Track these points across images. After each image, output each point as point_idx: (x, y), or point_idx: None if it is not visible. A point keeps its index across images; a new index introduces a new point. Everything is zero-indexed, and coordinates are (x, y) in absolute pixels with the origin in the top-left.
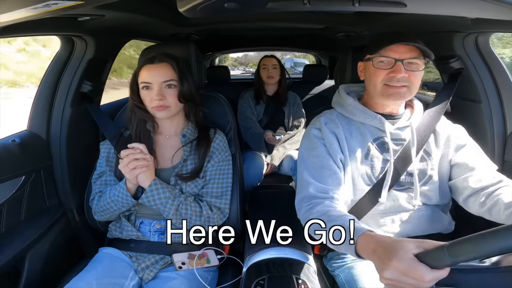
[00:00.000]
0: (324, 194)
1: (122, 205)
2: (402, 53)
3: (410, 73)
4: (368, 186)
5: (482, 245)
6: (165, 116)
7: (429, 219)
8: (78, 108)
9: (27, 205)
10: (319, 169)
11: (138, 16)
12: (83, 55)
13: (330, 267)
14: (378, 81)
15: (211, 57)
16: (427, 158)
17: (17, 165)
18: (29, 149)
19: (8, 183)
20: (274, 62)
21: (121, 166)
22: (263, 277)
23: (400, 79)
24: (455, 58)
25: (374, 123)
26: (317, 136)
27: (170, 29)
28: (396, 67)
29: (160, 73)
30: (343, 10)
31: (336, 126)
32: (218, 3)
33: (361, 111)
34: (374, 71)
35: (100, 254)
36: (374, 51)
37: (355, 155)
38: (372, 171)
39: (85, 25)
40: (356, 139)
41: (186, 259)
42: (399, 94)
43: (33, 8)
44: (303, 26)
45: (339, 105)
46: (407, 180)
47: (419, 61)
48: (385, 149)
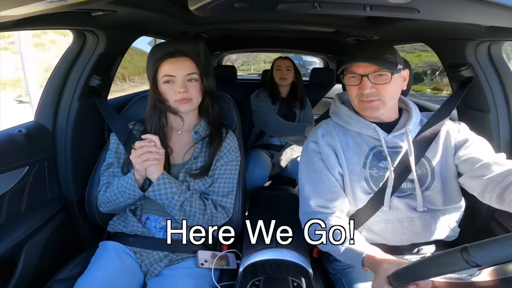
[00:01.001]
0: (325, 209)
1: (128, 196)
2: (366, 68)
3: (378, 87)
4: (369, 195)
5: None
6: (188, 109)
7: (431, 225)
8: (86, 102)
9: (28, 196)
10: (319, 182)
11: (149, 13)
12: (94, 50)
13: (331, 270)
14: (353, 97)
15: (219, 57)
16: (426, 163)
17: (22, 155)
18: (34, 140)
19: (11, 173)
20: (288, 64)
21: (133, 156)
22: (259, 278)
23: (369, 95)
24: (466, 66)
25: (369, 132)
26: (314, 150)
27: (180, 27)
28: (362, 83)
29: (183, 66)
30: (354, 14)
31: (333, 138)
32: (228, 3)
33: (355, 121)
34: (348, 87)
35: (104, 249)
36: (343, 66)
37: (353, 166)
38: (372, 180)
39: (98, 20)
40: (353, 150)
41: (209, 257)
42: (372, 108)
43: (49, 2)
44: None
45: (335, 114)
46: (408, 186)
47: (387, 72)
48: (383, 157)
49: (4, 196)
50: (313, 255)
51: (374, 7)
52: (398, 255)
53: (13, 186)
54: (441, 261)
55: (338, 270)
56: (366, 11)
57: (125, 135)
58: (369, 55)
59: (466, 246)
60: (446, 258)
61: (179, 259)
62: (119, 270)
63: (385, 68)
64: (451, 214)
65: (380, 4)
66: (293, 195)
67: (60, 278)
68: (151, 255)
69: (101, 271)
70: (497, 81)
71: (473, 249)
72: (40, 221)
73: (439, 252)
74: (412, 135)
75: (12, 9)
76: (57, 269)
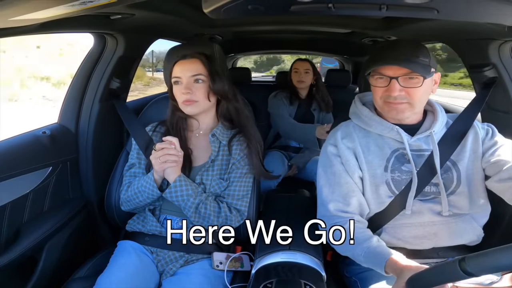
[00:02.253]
0: (345, 213)
1: (147, 195)
2: (397, 70)
3: (408, 90)
4: (390, 198)
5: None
6: (193, 111)
7: (455, 230)
8: (106, 104)
9: (51, 196)
10: (337, 186)
11: (166, 16)
12: (113, 53)
13: (347, 273)
14: (377, 98)
15: (233, 59)
16: (452, 166)
17: (46, 156)
18: (58, 141)
19: (35, 173)
20: (306, 66)
21: (153, 157)
22: (271, 280)
23: (397, 97)
24: (489, 67)
25: (391, 135)
26: (334, 154)
27: (195, 29)
28: (390, 85)
29: (189, 67)
30: (370, 15)
31: (353, 140)
32: (242, 5)
33: (377, 123)
34: (373, 88)
35: (124, 248)
36: (371, 68)
37: (374, 169)
38: (393, 183)
39: (117, 23)
40: (374, 152)
41: (224, 259)
42: (397, 110)
43: (71, 5)
44: (327, 30)
45: (356, 116)
46: (432, 190)
47: (418, 75)
48: (406, 160)
49: (28, 195)
50: (327, 259)
51: (390, 7)
52: (419, 258)
53: (37, 185)
54: (441, 270)
55: (354, 273)
56: (382, 12)
57: (143, 138)
58: (400, 57)
59: (464, 257)
60: (445, 268)
61: (194, 259)
62: (139, 269)
63: (418, 72)
64: (476, 218)
65: (397, 4)
66: (307, 198)
67: (79, 276)
68: (167, 255)
69: (121, 270)
70: None
71: (470, 260)
72: (61, 220)
73: (440, 262)
74: (437, 138)
75: (36, 12)
76: (75, 268)
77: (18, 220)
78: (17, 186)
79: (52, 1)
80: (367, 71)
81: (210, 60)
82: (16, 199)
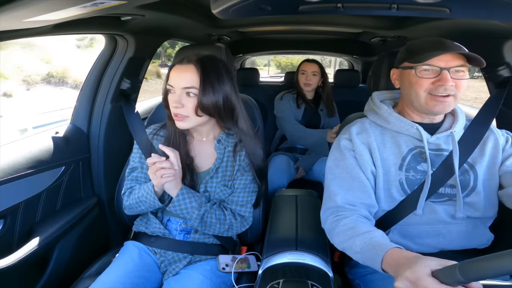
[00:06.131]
0: (352, 206)
1: (149, 205)
2: (448, 61)
3: (456, 82)
4: (402, 197)
5: (492, 266)
6: (184, 126)
7: (467, 233)
8: (117, 105)
9: (64, 195)
10: (349, 180)
11: (175, 17)
12: (124, 54)
13: (350, 276)
14: (421, 91)
15: (242, 59)
16: (469, 169)
17: (59, 156)
18: (71, 141)
19: (48, 173)
20: (314, 68)
21: (149, 172)
22: (278, 281)
23: (448, 88)
24: (503, 66)
25: (410, 132)
26: (347, 148)
27: (203, 30)
28: (442, 75)
29: (183, 76)
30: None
31: (368, 136)
32: (250, 5)
33: (396, 119)
34: (416, 80)
35: (127, 248)
36: (417, 60)
37: (388, 166)
38: (407, 182)
39: (127, 25)
40: (390, 149)
41: (230, 261)
42: (445, 104)
43: (82, 6)
44: (336, 29)
45: (373, 112)
46: (447, 191)
47: (465, 69)
48: (423, 159)
49: (41, 194)
50: (334, 260)
51: (400, 6)
52: None
53: (50, 185)
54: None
55: (357, 276)
56: (391, 11)
57: (145, 143)
58: (454, 47)
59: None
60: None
61: (197, 260)
62: (138, 268)
63: (473, 62)
64: (488, 222)
65: (408, 2)
66: (315, 198)
67: (88, 275)
68: (171, 256)
69: (120, 269)
70: None
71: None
72: (73, 219)
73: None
74: (457, 138)
75: (50, 13)
76: (86, 267)
77: (31, 219)
78: (31, 186)
79: (65, 2)
80: (413, 62)
81: (206, 69)
82: (29, 198)
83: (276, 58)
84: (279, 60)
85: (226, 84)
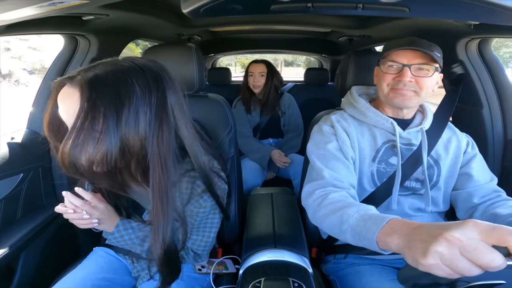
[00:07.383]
0: (340, 183)
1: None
2: (411, 59)
3: (418, 79)
4: (372, 188)
5: None
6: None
7: None
8: None
9: (24, 203)
10: (332, 160)
11: (142, 16)
12: (85, 54)
13: (326, 271)
14: (384, 85)
15: (213, 59)
16: (434, 164)
17: (16, 163)
18: (28, 147)
19: (6, 181)
20: (261, 69)
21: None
22: (260, 279)
23: (406, 84)
24: (457, 64)
25: (385, 126)
26: (329, 132)
27: (173, 30)
28: (403, 72)
29: (65, 102)
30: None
31: (348, 125)
32: (221, 5)
33: (373, 113)
34: (382, 75)
35: (95, 253)
36: (384, 56)
37: (364, 156)
38: (378, 174)
39: (89, 24)
40: (367, 141)
41: (206, 263)
42: (404, 97)
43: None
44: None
45: (350, 106)
46: (412, 185)
47: (429, 67)
48: (394, 152)
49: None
50: (312, 256)
51: (366, 6)
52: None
53: (8, 193)
54: None
55: (331, 272)
56: (357, 10)
57: None
58: (417, 44)
59: None
60: None
61: None
62: (102, 270)
63: (431, 61)
64: (442, 216)
65: (372, 2)
66: (290, 196)
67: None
68: (143, 262)
69: (81, 271)
70: (488, 77)
71: None
72: (37, 227)
73: None
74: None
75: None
76: (56, 275)
77: None
78: None
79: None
80: (382, 58)
81: (95, 96)
82: None
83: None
84: (243, 61)
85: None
